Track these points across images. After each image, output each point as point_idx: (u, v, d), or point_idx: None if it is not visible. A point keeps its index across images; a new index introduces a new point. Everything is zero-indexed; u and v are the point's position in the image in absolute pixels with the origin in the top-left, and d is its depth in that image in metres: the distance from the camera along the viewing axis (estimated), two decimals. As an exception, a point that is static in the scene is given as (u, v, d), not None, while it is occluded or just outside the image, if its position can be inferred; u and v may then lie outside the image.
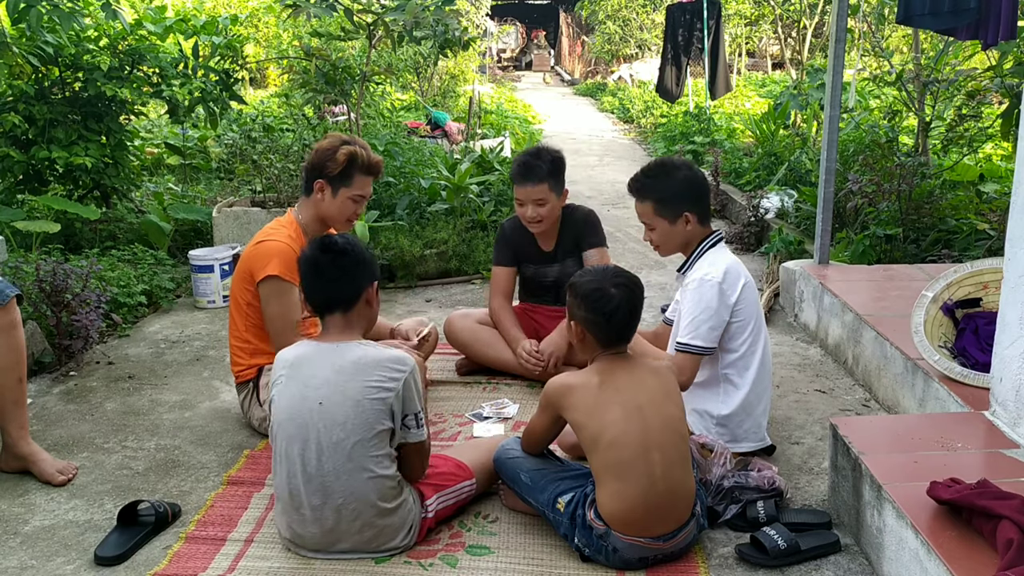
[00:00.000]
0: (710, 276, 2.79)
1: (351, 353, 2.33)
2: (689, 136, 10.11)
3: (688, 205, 2.86)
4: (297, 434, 2.31)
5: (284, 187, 5.55)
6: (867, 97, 9.41)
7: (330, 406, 2.29)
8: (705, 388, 2.90)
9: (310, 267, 2.42)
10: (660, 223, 2.90)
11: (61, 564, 2.40)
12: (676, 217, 2.87)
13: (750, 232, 6.09)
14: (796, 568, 2.35)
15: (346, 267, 2.39)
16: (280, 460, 2.35)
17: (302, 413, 2.31)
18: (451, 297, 4.99)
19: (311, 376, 2.32)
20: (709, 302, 2.77)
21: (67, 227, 5.23)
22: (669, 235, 2.91)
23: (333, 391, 2.29)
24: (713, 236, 2.92)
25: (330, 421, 2.28)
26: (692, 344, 2.78)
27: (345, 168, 3.07)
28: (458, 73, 13.80)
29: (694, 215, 2.87)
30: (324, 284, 2.40)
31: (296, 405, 2.32)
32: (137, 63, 5.27)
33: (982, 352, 2.95)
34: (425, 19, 5.76)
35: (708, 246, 2.90)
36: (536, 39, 34.43)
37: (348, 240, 2.45)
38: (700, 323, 2.77)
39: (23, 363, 2.80)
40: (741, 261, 2.95)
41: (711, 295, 2.77)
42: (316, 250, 2.42)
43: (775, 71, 17.33)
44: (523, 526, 2.54)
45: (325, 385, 2.30)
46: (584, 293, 2.38)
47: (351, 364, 2.31)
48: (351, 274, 2.40)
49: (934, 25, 4.39)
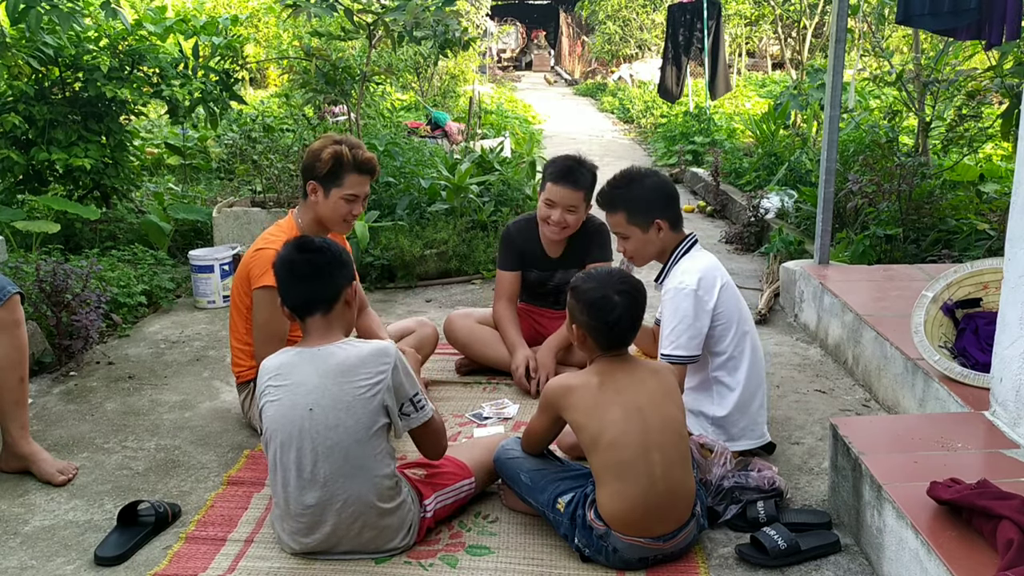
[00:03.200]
0: (684, 285, 2.79)
1: (333, 356, 2.31)
2: (689, 136, 10.11)
3: (659, 212, 2.87)
4: (289, 442, 2.30)
5: (284, 187, 5.55)
6: (867, 97, 9.42)
7: (320, 411, 2.27)
8: (698, 391, 2.91)
9: (286, 268, 2.40)
10: (633, 232, 2.89)
11: (61, 564, 2.40)
12: (648, 225, 2.87)
13: (750, 232, 6.09)
14: (796, 568, 2.35)
15: (322, 266, 2.38)
16: (275, 468, 2.34)
17: (293, 420, 2.29)
18: (451, 297, 4.99)
19: (298, 384, 2.30)
20: (685, 312, 2.77)
21: (67, 227, 5.23)
22: (643, 244, 2.91)
23: (322, 396, 2.28)
24: (686, 241, 2.92)
25: (322, 426, 2.27)
26: (674, 355, 2.78)
27: (332, 168, 3.06)
28: (458, 73, 13.80)
29: (666, 221, 2.87)
30: (302, 285, 2.38)
31: (286, 413, 2.30)
32: (137, 63, 5.27)
33: (982, 352, 2.95)
34: (425, 19, 5.76)
35: (683, 252, 2.90)
36: (536, 39, 34.45)
37: (324, 240, 2.45)
38: (679, 333, 2.77)
39: (25, 362, 2.79)
40: (720, 261, 2.94)
41: (687, 305, 2.77)
42: (292, 251, 2.40)
43: (775, 71, 17.33)
44: (523, 526, 2.54)
45: (314, 391, 2.28)
46: (588, 301, 2.37)
47: (335, 367, 2.29)
48: (328, 273, 2.38)
49: (934, 25, 4.39)
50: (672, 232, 2.90)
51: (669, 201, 2.92)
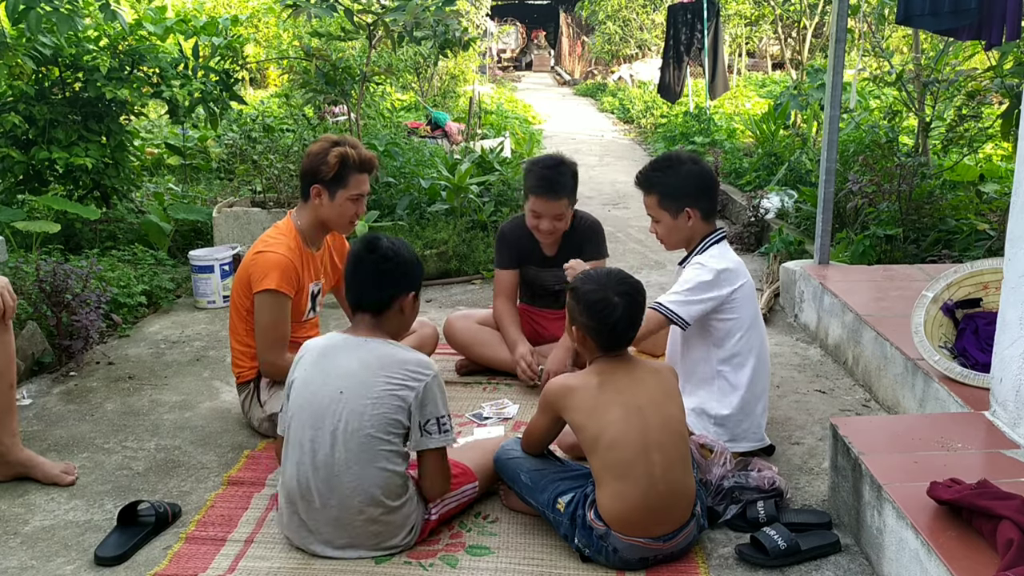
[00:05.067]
0: (707, 263, 2.81)
1: (378, 350, 2.36)
2: (689, 136, 10.11)
3: (690, 200, 2.86)
4: (311, 421, 2.33)
5: (284, 187, 5.55)
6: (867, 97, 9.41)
7: (351, 396, 2.30)
8: (702, 387, 2.91)
9: (352, 263, 2.44)
10: (663, 216, 2.90)
11: (61, 564, 2.40)
12: (678, 211, 2.87)
13: (750, 232, 6.09)
14: (796, 568, 2.35)
15: (382, 273, 2.40)
16: (292, 445, 2.36)
17: (320, 399, 2.32)
18: (451, 297, 4.99)
19: (335, 365, 2.35)
20: (698, 282, 2.79)
21: (67, 227, 5.23)
22: (672, 229, 2.91)
23: (356, 382, 2.31)
24: (716, 234, 2.92)
25: (349, 410, 2.30)
26: (666, 305, 2.79)
27: (339, 170, 3.06)
28: (458, 73, 13.81)
29: (696, 211, 2.86)
30: (358, 283, 2.43)
31: (316, 391, 2.34)
32: (137, 64, 5.27)
33: (982, 352, 2.95)
34: (425, 19, 5.76)
35: (711, 243, 2.90)
36: (536, 39, 34.47)
37: (394, 246, 2.43)
38: (683, 295, 2.79)
39: (12, 370, 2.76)
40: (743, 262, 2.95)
41: (702, 277, 2.79)
42: (362, 247, 2.43)
43: (775, 71, 17.34)
44: (523, 526, 2.54)
45: (349, 376, 2.32)
46: (588, 302, 2.37)
47: (376, 359, 2.34)
48: (384, 281, 2.41)
49: (934, 25, 4.39)
50: (703, 222, 2.89)
51: (704, 190, 2.90)
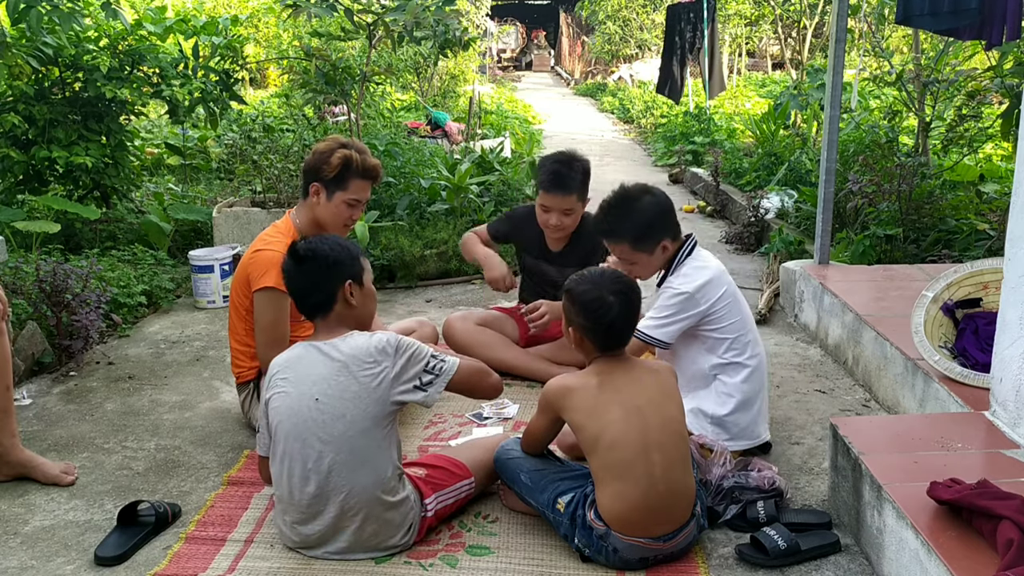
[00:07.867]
0: (684, 286, 2.78)
1: (339, 347, 2.35)
2: (689, 136, 10.11)
3: (662, 232, 2.81)
4: (295, 433, 2.32)
5: (284, 187, 5.55)
6: (867, 97, 9.41)
7: (328, 401, 2.30)
8: (699, 389, 2.90)
9: (284, 277, 2.50)
10: (640, 257, 2.84)
11: (61, 564, 2.40)
12: (654, 248, 2.82)
13: (750, 232, 6.09)
14: (796, 568, 2.35)
15: (310, 273, 2.42)
16: (279, 460, 2.36)
17: (300, 411, 2.32)
18: (451, 297, 4.99)
19: (305, 375, 2.34)
20: (674, 310, 2.79)
21: (67, 227, 5.23)
22: (649, 266, 2.87)
23: (329, 386, 2.31)
24: (687, 245, 2.87)
25: (328, 416, 2.30)
26: (639, 331, 2.78)
27: (340, 172, 3.06)
28: (458, 73, 13.80)
29: (669, 238, 2.84)
30: (293, 292, 2.48)
31: (293, 404, 2.33)
32: (137, 63, 5.27)
33: (982, 352, 2.95)
34: (425, 19, 5.76)
35: (684, 255, 2.86)
36: (536, 39, 34.48)
37: (310, 245, 2.44)
38: (659, 322, 2.80)
39: (9, 371, 2.76)
40: (726, 267, 2.92)
41: (678, 297, 2.78)
42: (287, 259, 2.46)
43: (775, 71, 17.33)
44: (523, 526, 2.54)
45: (321, 381, 2.32)
46: (583, 302, 2.37)
47: (342, 358, 2.33)
48: (316, 279, 2.42)
49: (934, 25, 4.39)
50: (674, 244, 2.87)
51: (668, 215, 2.85)
